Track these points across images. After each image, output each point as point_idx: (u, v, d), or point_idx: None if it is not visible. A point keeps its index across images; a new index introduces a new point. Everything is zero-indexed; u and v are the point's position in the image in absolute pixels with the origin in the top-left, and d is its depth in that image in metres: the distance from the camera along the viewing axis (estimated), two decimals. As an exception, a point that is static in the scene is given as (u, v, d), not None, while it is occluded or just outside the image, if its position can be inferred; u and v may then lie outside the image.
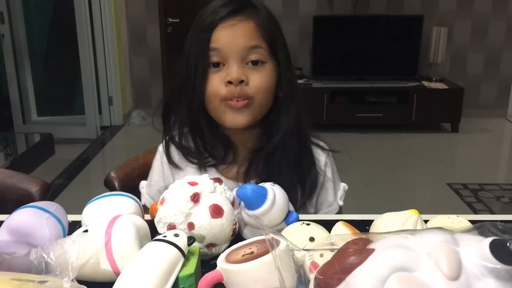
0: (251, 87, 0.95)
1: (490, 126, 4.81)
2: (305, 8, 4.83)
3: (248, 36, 0.95)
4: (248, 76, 0.95)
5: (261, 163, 1.01)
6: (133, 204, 0.83)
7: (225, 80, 0.94)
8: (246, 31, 0.95)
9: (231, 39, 0.94)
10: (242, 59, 0.95)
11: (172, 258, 0.64)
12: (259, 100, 0.97)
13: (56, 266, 0.63)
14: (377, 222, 0.77)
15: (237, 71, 0.94)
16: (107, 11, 4.49)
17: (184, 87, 0.99)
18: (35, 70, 4.54)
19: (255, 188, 0.76)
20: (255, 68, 0.96)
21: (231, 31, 0.94)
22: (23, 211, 0.77)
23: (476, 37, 4.92)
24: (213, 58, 0.95)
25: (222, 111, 0.97)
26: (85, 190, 3.33)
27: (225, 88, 0.95)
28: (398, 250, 0.52)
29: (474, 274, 0.51)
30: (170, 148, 1.06)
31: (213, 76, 0.96)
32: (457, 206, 3.05)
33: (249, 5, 0.97)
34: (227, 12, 0.94)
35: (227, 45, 0.94)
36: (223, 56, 0.95)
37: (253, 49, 0.95)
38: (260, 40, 0.96)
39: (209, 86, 0.96)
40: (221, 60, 0.95)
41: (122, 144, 4.47)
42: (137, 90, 5.14)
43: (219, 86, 0.95)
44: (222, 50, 0.94)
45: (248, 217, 0.77)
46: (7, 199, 1.16)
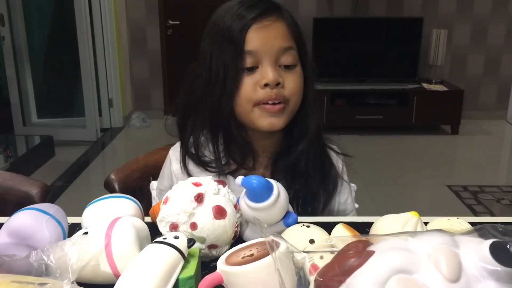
0: (287, 89, 0.94)
1: (490, 128, 4.82)
2: (305, 10, 4.84)
3: (282, 37, 0.93)
4: (284, 78, 0.93)
5: (285, 167, 0.99)
6: (133, 206, 0.83)
7: (261, 83, 0.92)
8: (279, 32, 0.93)
9: (265, 40, 0.92)
10: (276, 61, 0.93)
11: (172, 260, 0.64)
12: (294, 103, 0.96)
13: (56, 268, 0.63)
14: (377, 224, 0.77)
15: (273, 73, 0.91)
16: (107, 13, 4.50)
17: (206, 93, 0.96)
18: (35, 72, 4.54)
19: (262, 181, 0.75)
20: (288, 70, 0.94)
21: (265, 32, 0.92)
22: (23, 213, 0.77)
23: (476, 39, 4.92)
24: (247, 62, 0.92)
25: (257, 115, 0.94)
26: (85, 192, 3.33)
27: (261, 91, 0.92)
28: (398, 252, 0.52)
29: (474, 276, 0.51)
30: (186, 157, 1.03)
31: (246, 80, 0.92)
32: (457, 208, 3.05)
33: (276, 7, 0.96)
34: (258, 13, 0.92)
35: (261, 46, 0.91)
36: (257, 58, 0.92)
37: (286, 51, 0.93)
38: (292, 41, 0.95)
39: (243, 90, 0.93)
40: (254, 64, 0.92)
41: (122, 146, 4.47)
42: (137, 92, 5.14)
43: (254, 89, 0.92)
44: (256, 52, 0.91)
45: (248, 209, 0.76)
46: (7, 201, 1.16)
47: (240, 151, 1.00)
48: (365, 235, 0.64)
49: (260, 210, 0.75)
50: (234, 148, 1.00)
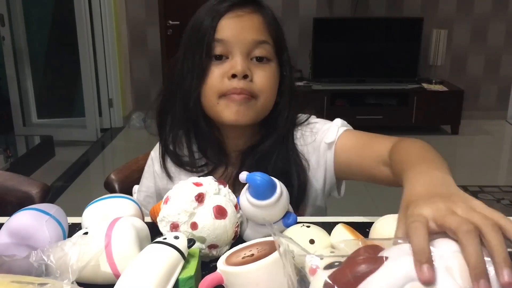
0: (256, 83, 0.90)
1: (490, 128, 4.82)
2: (305, 10, 4.84)
3: (256, 29, 0.90)
4: (253, 71, 0.90)
5: (254, 166, 0.95)
6: (133, 206, 0.83)
7: (228, 74, 0.88)
8: (254, 24, 0.90)
9: (238, 30, 0.88)
10: (248, 53, 0.90)
11: (172, 260, 0.64)
12: (264, 99, 0.92)
13: (56, 268, 0.63)
14: (377, 224, 0.77)
15: (242, 64, 0.88)
16: (107, 13, 4.50)
17: (180, 84, 0.93)
18: (35, 72, 4.54)
19: (266, 178, 0.74)
20: (260, 64, 0.91)
21: (239, 22, 0.89)
22: (23, 214, 0.77)
23: (476, 39, 4.92)
24: (216, 50, 0.89)
25: (222, 107, 0.90)
26: (85, 192, 3.33)
27: (227, 82, 0.89)
28: (412, 259, 0.51)
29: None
30: (165, 156, 1.02)
31: (213, 69, 0.89)
32: (457, 208, 3.05)
33: (254, 1, 0.93)
34: (233, 3, 0.89)
35: (233, 36, 0.88)
36: (227, 48, 0.89)
37: (260, 44, 0.90)
38: (267, 36, 0.91)
39: (209, 79, 0.89)
40: (224, 53, 0.89)
41: (122, 146, 4.47)
42: (137, 92, 5.14)
43: (220, 80, 0.89)
44: (227, 42, 0.88)
45: (250, 205, 0.75)
46: (7, 201, 1.16)
47: (212, 149, 0.98)
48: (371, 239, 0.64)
49: (261, 208, 0.74)
50: (206, 146, 0.98)
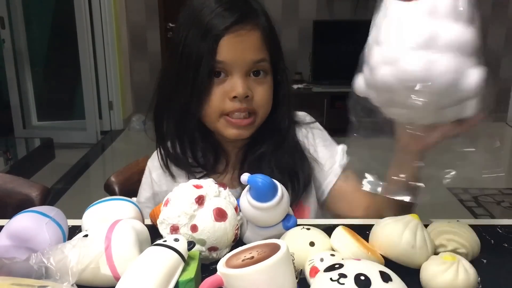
0: (255, 101, 0.93)
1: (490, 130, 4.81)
2: (305, 13, 4.84)
3: (255, 49, 0.91)
4: (253, 90, 0.92)
5: (255, 162, 0.98)
6: (133, 208, 0.83)
7: (230, 95, 0.91)
8: (252, 44, 0.91)
9: (238, 52, 0.90)
10: (246, 72, 0.92)
11: (172, 263, 0.64)
12: (262, 113, 0.95)
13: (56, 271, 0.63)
14: (377, 227, 0.77)
15: (243, 86, 0.90)
16: (107, 16, 4.50)
17: (176, 91, 0.94)
18: (36, 75, 4.55)
19: (268, 181, 0.74)
20: (258, 80, 0.93)
21: (239, 44, 0.90)
22: (23, 216, 0.77)
23: (476, 42, 4.92)
24: (217, 67, 0.90)
25: (223, 126, 0.94)
26: (85, 195, 3.33)
27: (229, 103, 0.91)
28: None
29: None
30: (166, 158, 1.03)
31: (215, 89, 0.91)
32: (457, 210, 3.05)
33: (251, 10, 0.92)
34: (233, 21, 0.89)
35: (233, 58, 0.90)
36: (227, 68, 0.90)
37: (258, 63, 0.92)
38: (265, 52, 0.93)
39: (212, 100, 0.91)
40: (223, 71, 0.91)
41: (122, 148, 4.47)
42: (137, 95, 5.14)
43: (222, 100, 0.91)
44: (228, 63, 0.90)
45: (250, 207, 0.75)
46: (7, 203, 1.16)
47: (210, 154, 1.00)
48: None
49: (262, 210, 0.74)
50: (203, 151, 1.00)
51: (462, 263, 0.67)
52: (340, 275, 0.56)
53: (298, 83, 4.63)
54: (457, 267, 0.66)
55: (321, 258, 0.69)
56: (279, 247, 0.62)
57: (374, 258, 0.70)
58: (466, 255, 0.74)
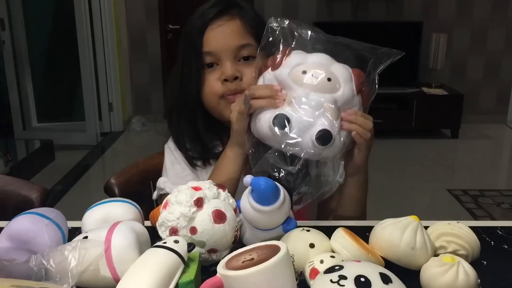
0: (245, 82, 1.00)
1: (490, 132, 4.82)
2: (305, 14, 4.85)
3: (237, 34, 1.00)
4: (242, 72, 1.01)
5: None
6: (133, 210, 0.83)
7: (221, 78, 1.00)
8: (234, 30, 1.00)
9: (221, 40, 1.00)
10: (235, 56, 1.00)
11: (172, 265, 0.64)
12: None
13: (56, 272, 0.63)
14: (378, 228, 0.77)
15: (231, 68, 0.99)
16: (107, 17, 4.51)
17: (182, 90, 1.05)
18: (36, 76, 4.55)
19: (271, 184, 0.74)
20: (247, 63, 1.01)
21: (220, 32, 1.00)
22: (23, 218, 0.77)
23: (476, 43, 4.93)
24: (207, 59, 1.01)
25: (223, 107, 1.02)
26: (85, 197, 3.33)
27: (222, 86, 1.01)
28: None
29: None
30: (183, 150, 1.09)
31: (208, 76, 1.02)
32: (457, 212, 3.05)
33: (235, 5, 1.02)
34: (214, 14, 0.99)
35: (218, 46, 0.99)
36: (216, 57, 1.00)
37: (244, 47, 1.00)
38: (249, 37, 1.01)
39: (206, 85, 1.02)
40: (215, 61, 1.01)
41: (122, 150, 4.47)
42: (137, 96, 5.15)
43: (215, 84, 1.01)
44: (214, 52, 1.00)
45: (252, 210, 0.75)
46: (7, 205, 1.16)
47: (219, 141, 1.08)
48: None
49: (264, 213, 0.74)
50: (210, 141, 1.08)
51: (462, 264, 0.67)
52: (340, 277, 0.56)
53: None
54: (457, 269, 0.66)
55: (321, 260, 0.69)
56: (279, 248, 0.62)
57: (374, 260, 0.70)
58: (466, 257, 0.74)
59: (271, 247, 0.64)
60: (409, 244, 0.72)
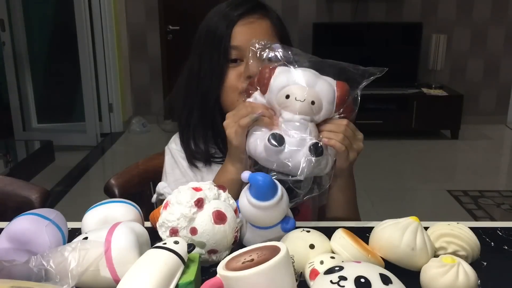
0: None
1: (490, 133, 4.82)
2: (305, 15, 4.85)
3: (266, 34, 1.00)
4: None
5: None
6: (133, 211, 0.83)
7: (245, 75, 0.98)
8: (263, 29, 1.00)
9: (250, 36, 0.97)
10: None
11: (172, 265, 0.64)
12: None
13: (56, 273, 0.63)
14: (377, 229, 0.77)
15: (256, 65, 0.96)
16: (107, 18, 4.51)
17: (199, 84, 1.03)
18: (36, 77, 4.55)
19: (269, 179, 0.74)
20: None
21: (251, 28, 0.99)
22: (23, 219, 0.77)
23: (476, 44, 4.93)
24: (232, 54, 0.99)
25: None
26: (85, 197, 3.33)
27: (244, 82, 0.98)
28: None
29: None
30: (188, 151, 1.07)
31: (231, 71, 1.00)
32: (457, 213, 3.05)
33: (261, 6, 1.03)
34: (244, 10, 0.99)
35: (247, 42, 0.96)
36: (241, 52, 0.99)
37: None
38: (275, 39, 1.02)
39: (228, 80, 1.00)
40: (239, 57, 1.00)
41: (122, 151, 4.47)
42: (137, 97, 5.15)
43: (238, 80, 0.99)
44: (241, 47, 0.98)
45: (250, 205, 0.75)
46: (6, 206, 1.16)
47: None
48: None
49: (261, 209, 0.74)
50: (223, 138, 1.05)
51: (462, 265, 0.67)
52: (340, 278, 0.56)
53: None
54: (457, 270, 0.66)
55: (321, 261, 0.69)
56: (279, 249, 0.62)
57: (374, 261, 0.70)
58: (466, 258, 0.74)
59: (271, 248, 0.64)
60: (409, 245, 0.72)
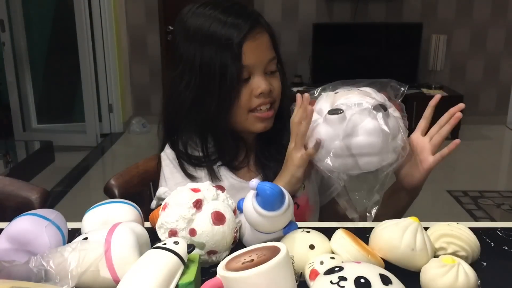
0: (274, 93, 1.02)
1: (489, 133, 4.82)
2: (305, 16, 4.85)
3: (269, 48, 1.01)
4: (273, 84, 1.02)
5: (265, 150, 1.08)
6: (133, 211, 0.83)
7: (255, 93, 0.99)
8: (267, 44, 1.00)
9: (257, 54, 0.98)
10: (265, 71, 1.00)
11: (172, 266, 0.64)
12: (278, 103, 1.05)
13: (56, 274, 0.63)
14: (377, 230, 0.77)
15: (266, 83, 0.99)
16: (107, 19, 4.51)
17: (197, 101, 1.00)
18: (35, 77, 4.55)
19: (277, 190, 0.74)
20: (272, 76, 1.02)
21: (257, 47, 0.98)
22: (23, 219, 0.77)
23: (475, 45, 4.93)
24: (244, 74, 0.98)
25: (251, 122, 1.02)
26: (84, 198, 3.33)
27: (256, 100, 1.00)
28: None
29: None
30: (181, 160, 1.06)
31: (243, 91, 0.99)
32: (457, 213, 3.05)
33: (255, 16, 1.00)
34: (248, 28, 0.96)
35: (255, 61, 0.98)
36: (250, 71, 0.99)
37: (272, 61, 1.01)
38: (273, 50, 1.02)
39: (241, 100, 0.99)
40: (249, 75, 0.99)
41: (122, 151, 4.47)
42: (137, 98, 5.15)
43: (249, 98, 1.00)
44: (251, 66, 0.98)
45: (256, 213, 0.74)
46: (6, 206, 1.16)
47: (234, 147, 1.06)
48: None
49: (267, 218, 0.74)
50: (229, 147, 1.05)
51: (462, 266, 0.67)
52: (340, 278, 0.56)
53: (298, 85, 4.63)
54: (457, 270, 0.66)
55: (321, 261, 0.69)
56: (279, 250, 0.62)
57: (374, 261, 0.70)
58: (466, 258, 0.74)
59: (271, 249, 0.64)
60: (409, 245, 0.72)
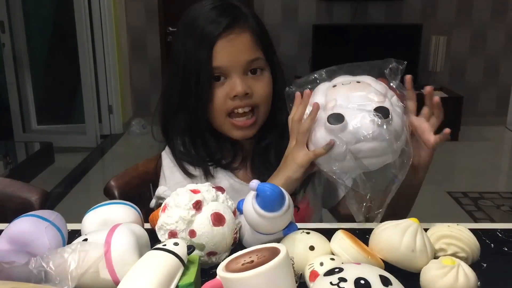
0: (256, 96, 0.97)
1: (489, 134, 4.82)
2: (305, 17, 4.85)
3: (248, 50, 0.96)
4: (252, 87, 0.96)
5: (261, 157, 1.04)
6: (132, 212, 0.83)
7: (230, 95, 0.95)
8: (245, 45, 0.95)
9: (232, 55, 0.94)
10: (244, 72, 0.96)
11: (172, 267, 0.64)
12: (264, 108, 1.00)
13: (56, 275, 0.63)
14: (377, 231, 0.77)
15: (241, 84, 0.95)
16: (107, 20, 4.51)
17: (182, 98, 0.98)
18: (35, 78, 4.55)
19: (277, 191, 0.73)
20: (255, 77, 0.97)
21: (231, 46, 0.94)
22: (23, 220, 0.76)
23: (475, 46, 4.94)
24: (215, 74, 0.95)
25: (229, 128, 0.99)
26: (84, 199, 3.33)
27: (230, 102, 0.96)
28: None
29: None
30: (180, 161, 1.05)
31: (216, 92, 0.96)
32: (457, 214, 3.05)
33: (241, 14, 0.97)
34: (224, 27, 0.93)
35: (228, 61, 0.94)
36: (224, 71, 0.95)
37: (253, 62, 0.96)
38: (258, 51, 0.97)
39: (215, 101, 0.96)
40: (222, 75, 0.96)
41: (122, 152, 4.47)
42: (137, 99, 5.15)
43: (224, 101, 0.96)
44: (223, 67, 0.94)
45: (256, 214, 0.74)
46: (6, 208, 1.16)
47: (228, 150, 1.04)
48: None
49: (267, 219, 0.74)
50: (219, 150, 1.03)
51: (462, 267, 0.67)
52: (340, 279, 0.56)
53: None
54: (457, 271, 0.66)
55: (321, 262, 0.69)
56: (279, 251, 0.62)
57: (374, 262, 0.70)
58: (466, 259, 0.74)
59: (271, 250, 0.64)
60: (409, 246, 0.72)
